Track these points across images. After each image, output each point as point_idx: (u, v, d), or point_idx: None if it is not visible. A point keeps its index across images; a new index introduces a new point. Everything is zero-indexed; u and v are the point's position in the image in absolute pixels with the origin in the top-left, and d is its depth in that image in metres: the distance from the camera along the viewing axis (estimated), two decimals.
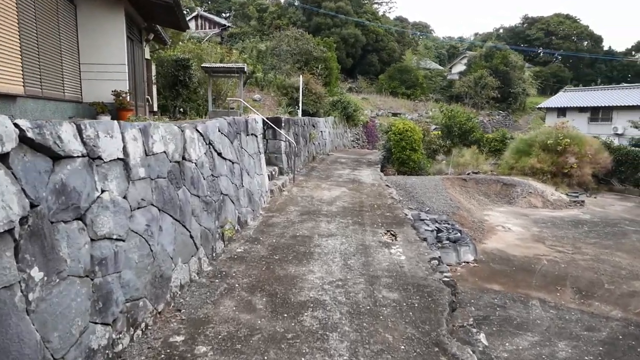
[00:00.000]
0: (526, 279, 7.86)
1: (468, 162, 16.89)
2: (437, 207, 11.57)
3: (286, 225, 7.80)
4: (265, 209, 9.00)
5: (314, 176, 13.51)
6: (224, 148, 6.85)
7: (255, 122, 9.27)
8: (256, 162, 9.04)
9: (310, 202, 9.87)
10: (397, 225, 8.04)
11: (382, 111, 35.70)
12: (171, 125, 5.07)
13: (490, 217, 12.26)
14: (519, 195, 13.95)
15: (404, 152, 15.69)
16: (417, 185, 13.04)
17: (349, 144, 25.52)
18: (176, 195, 4.91)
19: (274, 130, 12.15)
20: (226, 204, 6.63)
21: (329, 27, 42.85)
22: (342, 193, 11.04)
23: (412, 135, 15.70)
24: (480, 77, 38.94)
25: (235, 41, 40.29)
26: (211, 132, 6.33)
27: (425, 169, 16.26)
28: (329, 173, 14.29)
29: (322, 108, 20.93)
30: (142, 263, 3.98)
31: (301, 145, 15.06)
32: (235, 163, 7.44)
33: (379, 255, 6.27)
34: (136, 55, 13.04)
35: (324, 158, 18.39)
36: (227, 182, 6.81)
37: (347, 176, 13.80)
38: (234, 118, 7.83)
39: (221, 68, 16.35)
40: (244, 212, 7.59)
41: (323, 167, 15.60)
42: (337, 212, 9.01)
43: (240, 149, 7.91)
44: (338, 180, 13.00)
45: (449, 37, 71.84)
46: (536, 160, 15.61)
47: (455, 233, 9.05)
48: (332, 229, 7.66)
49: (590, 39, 56.78)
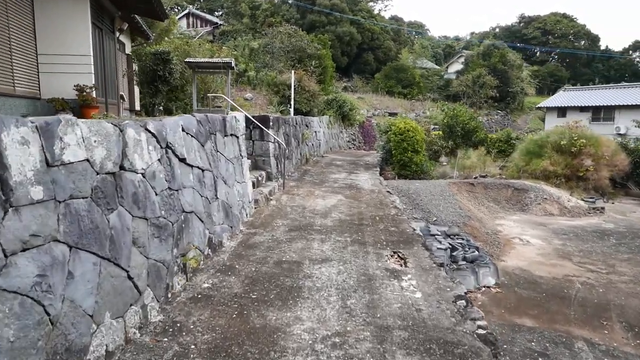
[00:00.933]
0: (562, 309, 6.42)
1: (475, 164, 15.45)
2: (446, 216, 10.14)
3: (271, 246, 6.32)
4: (247, 223, 7.51)
5: (307, 181, 12.04)
6: (190, 152, 5.36)
7: (235, 120, 7.78)
8: (237, 167, 7.55)
9: (302, 213, 8.39)
10: (406, 245, 6.59)
11: (378, 111, 34.28)
12: (101, 123, 3.58)
13: (503, 227, 10.83)
14: (533, 201, 12.54)
15: (406, 154, 14.25)
16: (422, 191, 11.60)
17: (344, 144, 24.07)
18: (105, 222, 3.42)
19: (261, 131, 10.67)
20: (191, 223, 5.14)
21: (324, 24, 41.44)
22: (339, 202, 9.58)
23: (414, 136, 14.27)
24: (478, 76, 37.58)
25: (227, 39, 38.76)
26: (171, 132, 4.84)
27: (428, 172, 14.83)
28: (324, 177, 12.83)
29: (316, 107, 19.46)
30: (24, 340, 2.49)
31: (293, 147, 13.59)
32: (207, 170, 5.94)
33: (387, 290, 4.80)
34: (106, 46, 11.49)
35: (318, 160, 16.92)
36: (193, 195, 5.31)
37: (344, 181, 12.34)
38: (206, 115, 6.34)
39: (206, 63, 14.84)
40: (218, 230, 6.10)
41: (317, 171, 14.13)
42: (333, 226, 7.54)
43: (214, 153, 6.42)
44: (333, 186, 11.54)
45: (444, 36, 70.56)
46: (549, 163, 14.22)
47: (472, 251, 7.62)
48: (327, 250, 6.19)
49: (587, 38, 55.62)
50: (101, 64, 10.96)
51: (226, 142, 7.12)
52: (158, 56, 13.19)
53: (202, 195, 5.66)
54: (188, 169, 5.28)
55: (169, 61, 13.38)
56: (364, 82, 41.35)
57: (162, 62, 13.22)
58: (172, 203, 4.67)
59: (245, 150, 8.30)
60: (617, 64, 53.93)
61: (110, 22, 11.94)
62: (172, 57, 13.44)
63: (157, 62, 13.26)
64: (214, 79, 18.34)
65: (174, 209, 4.68)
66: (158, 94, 14.14)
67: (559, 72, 51.55)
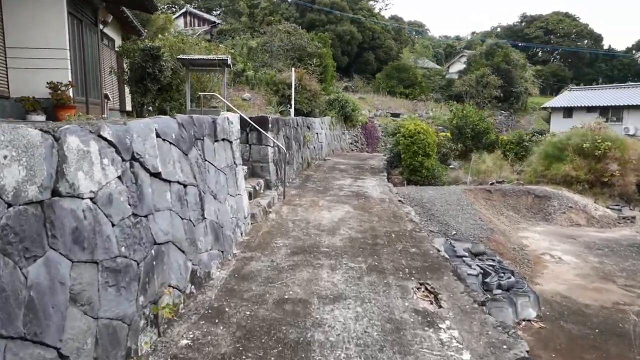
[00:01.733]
0: (624, 352, 5.25)
1: (491, 169, 14.22)
2: (466, 229, 8.97)
3: (270, 276, 5.12)
4: (242, 244, 6.31)
5: (310, 189, 10.85)
6: (167, 164, 4.17)
7: (228, 122, 6.59)
8: (230, 178, 6.36)
9: (306, 229, 7.20)
10: (433, 272, 5.41)
11: (380, 111, 33.10)
12: (18, 129, 2.39)
13: (529, 240, 9.66)
14: (557, 210, 11.37)
15: (416, 158, 13.06)
16: (437, 200, 10.43)
17: (347, 146, 22.88)
18: (18, 280, 2.23)
19: (259, 134, 9.48)
20: (166, 257, 3.94)
21: (324, 23, 40.31)
22: (347, 214, 8.40)
23: (426, 138, 13.08)
24: (482, 75, 36.40)
25: (225, 38, 37.58)
26: (139, 138, 3.65)
27: (440, 178, 13.65)
28: (328, 184, 11.64)
29: (317, 107, 18.27)
30: None
31: (293, 151, 12.40)
32: (190, 185, 4.74)
33: (424, 348, 3.61)
34: (87, 39, 10.29)
35: (320, 164, 15.73)
36: (170, 220, 4.12)
37: (350, 188, 11.16)
38: (191, 117, 5.15)
39: (200, 60, 13.65)
40: (205, 259, 4.90)
41: (320, 176, 12.95)
42: (343, 247, 6.35)
43: (201, 163, 5.23)
44: (339, 194, 10.36)
45: (445, 36, 69.35)
46: (571, 167, 13.05)
47: (507, 277, 6.45)
48: (339, 282, 5.00)
49: (590, 38, 54.46)
50: (81, 59, 9.76)
51: (217, 148, 5.93)
52: (147, 52, 11.95)
53: (184, 218, 4.46)
54: (164, 185, 4.09)
55: (159, 57, 12.14)
56: (365, 82, 40.17)
57: (151, 58, 11.99)
58: (138, 234, 3.47)
59: (240, 157, 7.11)
60: (621, 64, 52.81)
61: (92, 14, 10.72)
62: (162, 53, 12.24)
63: (145, 59, 12.03)
64: (211, 78, 17.14)
65: (140, 242, 3.48)
66: (147, 93, 12.92)
67: (562, 72, 50.39)
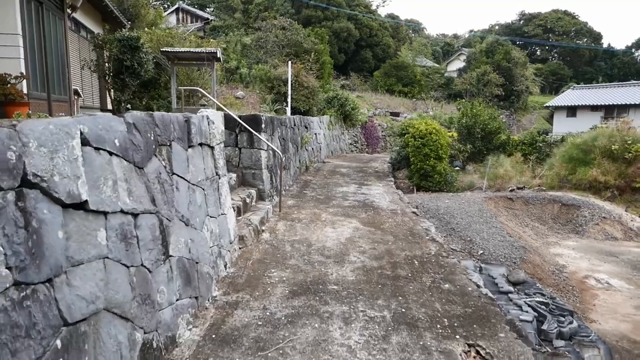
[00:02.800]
0: None
1: (510, 174, 12.72)
2: (494, 248, 7.55)
3: (261, 336, 3.65)
4: (226, 281, 4.83)
5: (310, 198, 9.37)
6: (100, 187, 2.67)
7: (208, 122, 5.08)
8: (210, 194, 4.87)
9: (307, 255, 5.73)
10: (481, 325, 3.96)
11: (378, 110, 31.64)
12: None
13: (565, 259, 8.24)
14: (588, 220, 9.96)
15: (427, 162, 11.58)
16: (455, 211, 8.99)
17: (346, 147, 21.39)
18: None
19: (250, 135, 7.98)
20: (90, 341, 2.44)
21: (320, 20, 38.80)
22: (355, 231, 6.93)
23: (438, 140, 11.60)
24: (483, 73, 35.05)
25: (218, 34, 35.99)
26: (40, 149, 2.15)
27: (453, 184, 12.18)
28: (329, 191, 10.17)
29: (315, 105, 16.78)
30: None
31: (290, 154, 10.92)
32: (145, 214, 3.25)
33: None
34: (49, 26, 8.71)
35: (319, 167, 14.25)
36: (103, 274, 2.61)
37: (355, 197, 9.69)
38: (150, 114, 3.65)
39: (187, 53, 12.13)
40: (168, 318, 3.41)
41: (320, 182, 11.47)
42: (356, 282, 4.89)
43: (166, 178, 3.74)
44: (343, 204, 8.89)
45: (442, 34, 67.93)
46: (599, 172, 11.66)
47: (568, 320, 5.00)
48: (358, 347, 3.53)
49: (590, 36, 53.29)
50: (40, 48, 8.19)
51: (191, 156, 4.44)
52: (124, 43, 10.41)
53: (131, 265, 2.96)
54: (93, 221, 2.59)
55: (137, 49, 10.60)
56: (362, 81, 38.72)
57: (129, 50, 10.45)
58: (26, 320, 1.98)
59: (224, 166, 5.60)
60: (621, 62, 51.71)
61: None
62: (142, 45, 10.69)
63: (123, 50, 10.50)
64: (202, 75, 15.59)
65: (28, 333, 1.99)
66: (125, 88, 11.39)
67: (561, 71, 49.22)
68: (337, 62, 36.64)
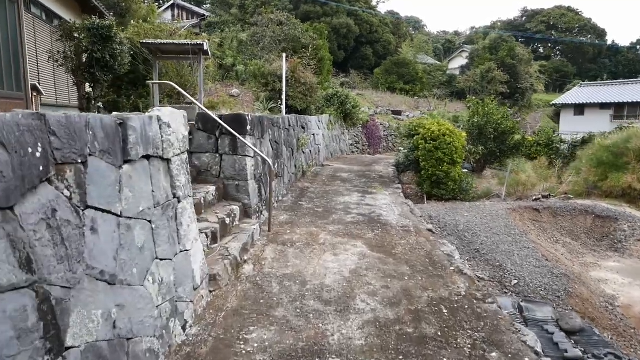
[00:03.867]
0: None
1: (534, 180, 11.12)
2: (530, 276, 6.12)
3: None
4: (181, 352, 3.36)
5: (305, 211, 7.91)
6: None
7: (161, 126, 3.62)
8: (160, 228, 3.41)
9: (300, 299, 4.29)
10: None
11: (380, 109, 30.17)
12: None
13: (611, 286, 6.81)
14: (628, 236, 8.51)
15: (440, 168, 10.11)
16: (478, 227, 7.55)
17: (347, 148, 19.92)
18: None
19: (233, 140, 6.52)
20: None
21: (319, 15, 37.31)
22: (361, 259, 5.49)
23: (453, 142, 10.10)
24: (487, 70, 33.57)
25: (213, 31, 34.47)
26: None
27: (469, 191, 10.66)
28: (329, 202, 8.72)
29: (313, 103, 15.32)
30: None
31: (284, 159, 9.47)
32: (10, 292, 1.81)
33: None
34: None
35: (317, 172, 12.79)
36: None
37: (358, 208, 8.24)
38: (42, 115, 2.21)
39: (170, 46, 10.64)
40: None
41: (318, 190, 10.02)
42: (367, 351, 3.44)
43: (70, 217, 2.29)
44: (345, 219, 7.43)
45: (443, 31, 66.25)
46: (634, 178, 10.22)
47: None
48: None
49: (594, 33, 51.71)
50: None
51: (128, 176, 2.98)
52: (95, 32, 8.92)
53: None
54: None
55: (110, 39, 9.11)
56: (363, 79, 37.21)
57: (100, 40, 8.98)
58: None
59: (187, 184, 4.13)
60: (625, 60, 50.16)
61: None
62: (115, 34, 9.18)
63: (93, 41, 9.03)
64: (193, 71, 14.12)
65: None
66: (97, 84, 9.92)
67: (565, 68, 47.68)
68: (337, 59, 35.16)
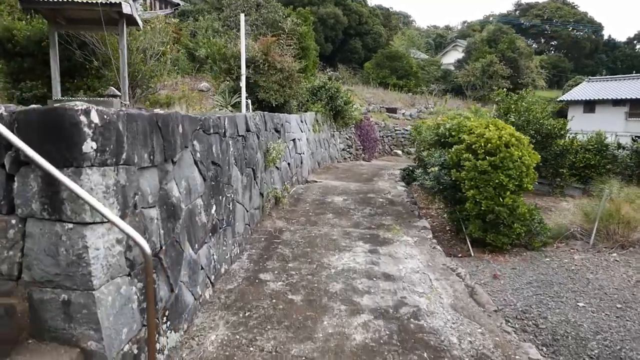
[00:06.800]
0: None
1: (634, 214, 6.66)
2: None
3: None
4: None
5: (263, 312, 3.69)
6: None
7: None
8: None
9: None
10: None
11: (372, 106, 26.03)
12: None
13: None
14: None
15: (502, 199, 5.80)
16: (627, 345, 3.50)
17: (338, 154, 15.67)
18: None
19: (50, 181, 2.20)
20: None
21: (304, 4, 32.86)
22: None
23: (522, 157, 5.81)
24: (489, 64, 29.68)
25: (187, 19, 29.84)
26: None
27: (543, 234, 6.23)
28: (315, 272, 4.50)
29: (294, 97, 11.06)
30: None
31: (235, 190, 5.20)
32: None
33: None
34: None
35: (299, 195, 8.56)
36: None
37: (371, 293, 4.05)
38: None
39: (72, 5, 6.25)
40: None
41: (297, 237, 5.80)
42: None
43: None
44: (348, 333, 3.25)
45: (433, 26, 62.23)
46: None
47: None
48: None
49: (590, 27, 48.35)
50: None
51: None
52: None
53: None
54: None
55: None
56: (352, 73, 33.02)
57: None
58: None
59: None
60: (623, 55, 46.89)
61: None
62: None
63: None
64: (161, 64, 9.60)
65: None
66: None
67: (562, 64, 44.11)
68: (324, 52, 30.98)
